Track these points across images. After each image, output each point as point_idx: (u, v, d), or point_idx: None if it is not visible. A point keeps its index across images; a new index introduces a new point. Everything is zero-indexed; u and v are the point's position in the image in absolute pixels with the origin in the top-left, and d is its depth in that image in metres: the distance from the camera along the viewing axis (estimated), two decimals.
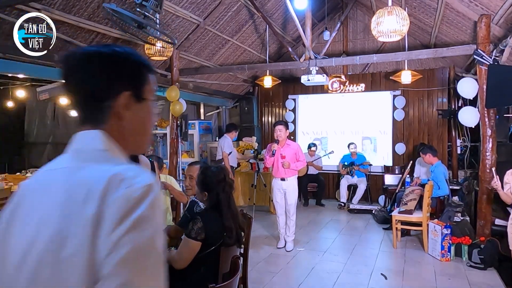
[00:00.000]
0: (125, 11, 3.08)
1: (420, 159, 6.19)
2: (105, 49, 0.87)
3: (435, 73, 7.69)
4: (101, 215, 0.70)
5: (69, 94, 0.88)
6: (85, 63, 0.85)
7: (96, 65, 0.84)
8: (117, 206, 0.70)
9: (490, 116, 4.53)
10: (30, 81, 8.48)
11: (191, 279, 2.26)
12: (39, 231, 0.75)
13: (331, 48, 7.93)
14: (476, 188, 5.12)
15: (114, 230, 0.69)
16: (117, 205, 0.71)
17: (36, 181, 0.86)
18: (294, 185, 4.92)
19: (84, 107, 0.87)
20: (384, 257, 4.73)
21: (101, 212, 0.70)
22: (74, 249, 0.71)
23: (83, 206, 0.72)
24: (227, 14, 6.04)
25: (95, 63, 0.84)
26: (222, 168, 2.47)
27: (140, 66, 0.89)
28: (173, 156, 6.32)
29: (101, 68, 0.84)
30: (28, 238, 0.76)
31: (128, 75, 0.87)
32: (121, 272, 0.68)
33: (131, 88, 0.86)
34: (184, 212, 2.97)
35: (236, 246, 2.45)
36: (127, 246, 0.68)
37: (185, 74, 6.76)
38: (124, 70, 0.86)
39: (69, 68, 0.86)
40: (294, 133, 8.83)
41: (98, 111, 0.84)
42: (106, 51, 0.86)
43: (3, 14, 3.89)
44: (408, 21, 3.46)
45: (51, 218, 0.75)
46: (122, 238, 0.68)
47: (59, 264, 0.72)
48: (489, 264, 4.18)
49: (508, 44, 4.29)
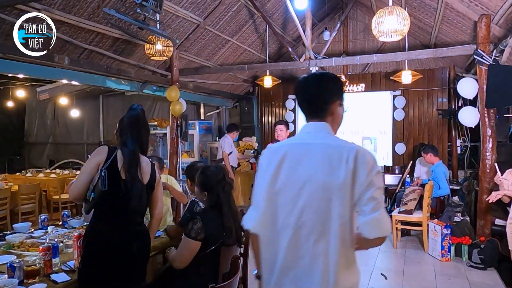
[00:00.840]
0: (124, 17, 3.08)
1: (421, 158, 6.18)
2: (328, 74, 1.53)
3: (435, 73, 7.69)
4: (356, 168, 1.33)
5: (302, 102, 1.52)
6: (319, 82, 1.49)
7: (325, 84, 1.49)
8: (367, 164, 1.34)
9: (490, 116, 4.53)
10: (30, 81, 8.49)
11: (191, 279, 2.26)
12: (315, 169, 1.37)
13: (331, 48, 7.93)
14: (476, 188, 5.12)
15: (368, 175, 1.33)
16: (367, 163, 1.34)
17: (291, 147, 1.46)
18: None
19: (314, 108, 1.48)
20: (384, 257, 4.73)
21: (356, 167, 1.33)
22: (343, 180, 1.33)
23: (344, 162, 1.34)
24: (227, 14, 6.04)
25: (324, 82, 1.49)
26: (222, 168, 2.48)
27: (343, 85, 1.55)
28: (173, 156, 6.32)
29: (328, 85, 1.49)
30: (306, 173, 1.38)
31: (339, 90, 1.51)
32: (377, 194, 1.34)
33: (339, 97, 1.50)
34: (184, 212, 2.97)
35: (236, 246, 2.45)
36: (378, 183, 1.34)
37: (185, 74, 6.76)
38: (338, 87, 1.51)
39: (306, 85, 1.51)
40: (295, 133, 8.81)
41: (323, 111, 1.47)
42: (330, 75, 1.52)
43: (3, 14, 3.89)
44: (408, 21, 3.46)
45: (320, 166, 1.37)
46: (374, 179, 1.33)
47: (331, 189, 1.34)
48: (489, 264, 4.18)
49: (508, 44, 4.29)
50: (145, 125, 2.24)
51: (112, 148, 2.11)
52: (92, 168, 2.04)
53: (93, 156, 2.08)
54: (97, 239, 2.05)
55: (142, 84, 6.62)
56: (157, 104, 9.35)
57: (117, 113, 9.82)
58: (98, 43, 5.11)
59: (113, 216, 2.07)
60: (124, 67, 5.91)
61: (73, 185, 2.09)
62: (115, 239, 2.04)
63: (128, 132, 2.14)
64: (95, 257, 2.03)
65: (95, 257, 2.03)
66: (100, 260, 2.02)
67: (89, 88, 8.09)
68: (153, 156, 3.65)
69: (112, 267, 2.02)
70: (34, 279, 2.03)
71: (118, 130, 2.19)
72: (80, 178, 2.06)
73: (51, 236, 2.71)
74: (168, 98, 6.13)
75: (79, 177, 2.09)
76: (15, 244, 2.57)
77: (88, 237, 2.08)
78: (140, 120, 2.19)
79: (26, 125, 11.11)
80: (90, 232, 2.09)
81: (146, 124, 2.27)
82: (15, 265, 2.00)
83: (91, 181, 2.04)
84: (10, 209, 5.46)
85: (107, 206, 2.04)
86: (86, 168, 2.07)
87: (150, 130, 2.38)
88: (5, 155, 10.46)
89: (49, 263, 2.14)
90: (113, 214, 2.07)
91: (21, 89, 9.50)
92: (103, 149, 2.09)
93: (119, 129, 2.19)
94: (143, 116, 2.23)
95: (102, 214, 2.08)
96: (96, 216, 2.09)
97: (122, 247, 2.05)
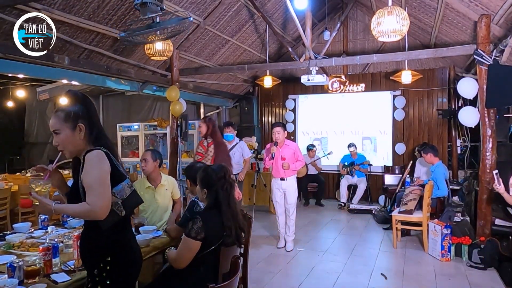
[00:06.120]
0: (139, 31, 3.12)
1: (421, 159, 6.18)
2: None
3: (435, 73, 7.70)
4: None
5: None
6: None
7: None
8: None
9: (490, 116, 4.53)
10: (30, 81, 8.49)
11: (191, 279, 2.26)
12: None
13: (331, 48, 7.93)
14: (476, 188, 5.11)
15: None
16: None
17: None
18: (294, 184, 4.92)
19: None
20: (384, 257, 4.73)
21: None
22: None
23: None
24: (227, 14, 6.04)
25: None
26: (223, 167, 2.47)
27: None
28: (173, 156, 6.32)
29: None
30: None
31: None
32: None
33: None
34: (184, 212, 2.97)
35: (236, 246, 2.45)
36: None
37: (185, 74, 6.76)
38: None
39: None
40: (294, 133, 8.83)
41: None
42: None
43: (3, 14, 3.89)
44: (408, 21, 3.46)
45: None
46: None
47: None
48: (489, 264, 4.18)
49: (508, 44, 4.29)
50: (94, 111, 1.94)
51: (104, 151, 1.81)
52: (109, 179, 1.76)
53: (101, 165, 1.76)
54: (131, 251, 1.93)
55: (142, 84, 6.62)
56: (157, 104, 9.36)
57: (117, 113, 9.83)
58: (98, 43, 5.11)
59: (130, 224, 2.01)
60: (124, 67, 5.91)
61: (103, 203, 1.70)
62: (137, 246, 2.03)
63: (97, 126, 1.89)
64: (131, 271, 1.94)
65: (131, 271, 1.94)
66: (136, 273, 1.98)
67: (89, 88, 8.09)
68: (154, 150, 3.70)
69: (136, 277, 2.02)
70: (34, 279, 2.03)
71: (86, 130, 1.84)
72: (107, 194, 1.73)
73: (51, 236, 2.71)
74: (168, 98, 6.13)
75: (104, 193, 1.72)
76: (15, 244, 2.57)
77: (119, 250, 1.86)
78: (92, 108, 1.92)
79: (26, 125, 11.11)
80: (119, 245, 1.87)
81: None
82: (15, 265, 2.00)
83: None
84: (10, 209, 5.46)
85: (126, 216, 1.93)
86: (104, 180, 1.74)
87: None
88: (5, 155, 10.46)
89: (49, 263, 2.14)
90: (129, 222, 2.00)
91: (21, 89, 9.51)
92: (103, 155, 1.78)
93: (88, 128, 1.85)
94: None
95: (126, 225, 1.95)
96: (120, 228, 1.88)
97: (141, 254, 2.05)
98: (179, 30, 3.20)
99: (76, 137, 1.82)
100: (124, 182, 1.85)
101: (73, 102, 1.86)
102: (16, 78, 7.81)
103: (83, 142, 1.84)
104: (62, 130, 1.81)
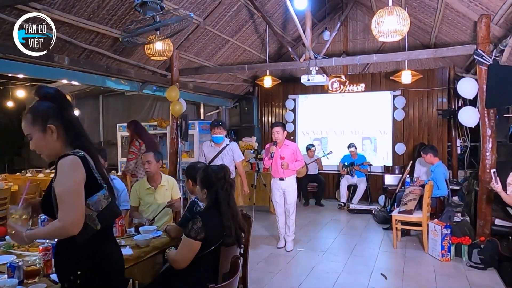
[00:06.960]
0: (141, 29, 3.12)
1: (421, 159, 6.18)
2: None
3: (435, 73, 7.70)
4: None
5: None
6: None
7: None
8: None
9: (490, 116, 4.53)
10: (30, 81, 8.49)
11: (191, 279, 2.26)
12: None
13: (331, 48, 7.93)
14: (476, 188, 5.11)
15: None
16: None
17: None
18: (293, 184, 4.92)
19: None
20: (384, 257, 4.73)
21: None
22: None
23: None
24: (227, 14, 6.04)
25: None
26: (224, 167, 2.47)
27: None
28: (173, 156, 6.32)
29: None
30: None
31: None
32: None
33: None
34: (184, 212, 2.97)
35: (236, 246, 2.45)
36: None
37: (185, 74, 6.76)
38: None
39: None
40: (294, 133, 8.83)
41: None
42: None
43: (3, 14, 3.90)
44: (408, 21, 3.46)
45: None
46: None
47: None
48: (489, 264, 4.18)
49: (508, 44, 4.29)
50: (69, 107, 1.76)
51: (81, 156, 1.60)
52: (82, 189, 1.57)
53: (74, 174, 1.56)
54: (109, 263, 1.74)
55: (142, 84, 6.63)
56: (157, 104, 9.36)
57: (117, 113, 9.83)
58: (98, 43, 5.11)
59: (112, 234, 1.87)
60: (124, 67, 5.91)
61: (75, 217, 1.53)
62: (119, 255, 1.86)
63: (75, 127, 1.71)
64: (106, 284, 1.71)
65: (106, 284, 1.71)
66: (113, 284, 1.77)
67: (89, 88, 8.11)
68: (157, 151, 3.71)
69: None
70: (34, 279, 2.03)
71: (60, 130, 1.66)
72: (79, 207, 1.55)
73: None
74: (168, 98, 6.13)
75: (76, 206, 1.54)
76: (15, 244, 2.57)
77: (97, 261, 1.68)
78: (66, 105, 1.72)
79: None
80: (98, 255, 1.68)
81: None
82: (15, 265, 2.00)
83: None
84: None
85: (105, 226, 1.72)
86: (77, 191, 1.55)
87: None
88: (5, 155, 10.46)
89: (49, 263, 2.14)
90: (111, 231, 1.86)
91: (21, 89, 9.50)
92: (77, 162, 1.58)
93: (62, 129, 1.66)
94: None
95: (106, 235, 1.77)
96: (100, 239, 1.69)
97: (122, 263, 1.89)
98: (179, 29, 3.20)
99: (48, 139, 1.63)
100: (100, 193, 1.64)
101: (42, 101, 1.67)
102: (16, 78, 7.81)
103: (59, 145, 1.65)
104: (33, 134, 1.63)
